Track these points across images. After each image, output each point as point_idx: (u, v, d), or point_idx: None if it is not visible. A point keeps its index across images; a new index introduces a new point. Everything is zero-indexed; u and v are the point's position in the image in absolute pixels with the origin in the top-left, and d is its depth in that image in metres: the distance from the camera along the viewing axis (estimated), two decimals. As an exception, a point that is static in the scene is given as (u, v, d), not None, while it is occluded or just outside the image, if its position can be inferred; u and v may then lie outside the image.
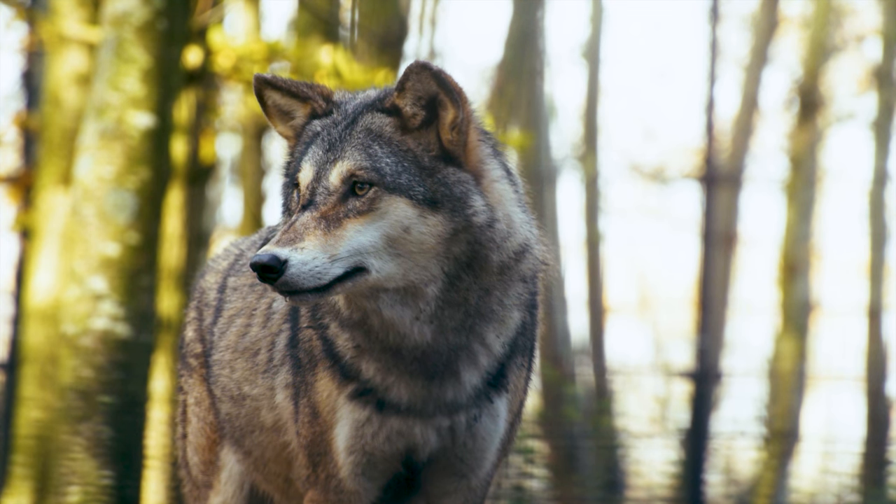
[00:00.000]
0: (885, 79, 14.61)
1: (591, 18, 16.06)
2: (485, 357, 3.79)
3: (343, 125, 3.70)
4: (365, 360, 3.76)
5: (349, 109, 3.75)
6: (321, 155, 3.65)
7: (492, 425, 3.86)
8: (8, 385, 11.06)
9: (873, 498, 10.48)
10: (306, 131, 3.75)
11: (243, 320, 4.20)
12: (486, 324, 3.76)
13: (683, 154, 21.06)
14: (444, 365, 3.73)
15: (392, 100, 3.70)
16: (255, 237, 4.45)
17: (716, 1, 12.24)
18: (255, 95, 3.77)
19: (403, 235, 3.58)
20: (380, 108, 3.71)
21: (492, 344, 3.80)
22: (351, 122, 3.70)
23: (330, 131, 3.69)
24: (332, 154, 3.64)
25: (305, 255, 3.49)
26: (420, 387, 3.74)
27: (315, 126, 3.74)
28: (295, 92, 3.74)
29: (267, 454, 4.12)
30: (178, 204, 10.36)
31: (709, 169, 11.80)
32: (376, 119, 3.70)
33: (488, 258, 3.67)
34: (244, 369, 4.14)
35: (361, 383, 3.77)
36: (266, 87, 3.75)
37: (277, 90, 3.74)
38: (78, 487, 7.18)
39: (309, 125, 3.76)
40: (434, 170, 3.66)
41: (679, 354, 23.01)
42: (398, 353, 3.72)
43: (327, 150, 3.65)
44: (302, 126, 3.76)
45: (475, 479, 3.92)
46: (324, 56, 9.75)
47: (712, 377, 12.46)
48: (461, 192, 3.65)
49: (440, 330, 3.69)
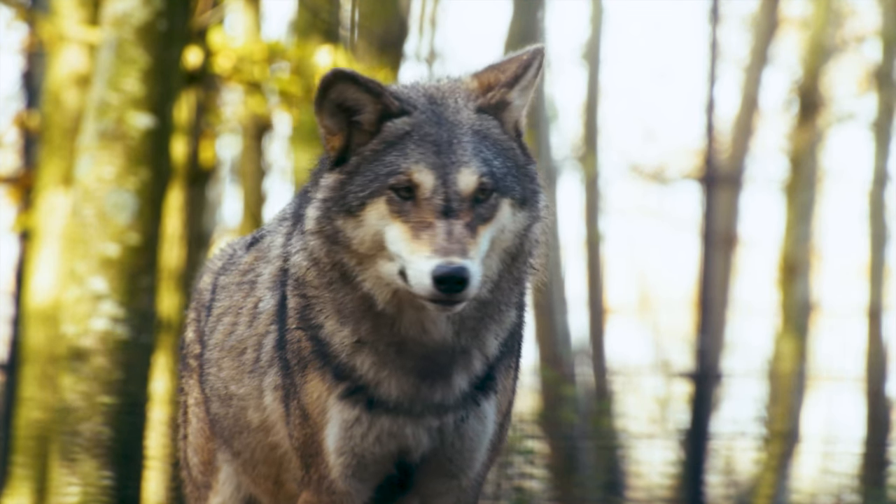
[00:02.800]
0: (885, 79, 14.62)
1: (591, 19, 16.08)
2: (479, 361, 3.79)
3: (447, 126, 3.65)
4: (363, 354, 3.74)
5: (441, 106, 3.70)
6: (436, 159, 3.59)
7: (479, 426, 3.84)
8: (8, 385, 11.06)
9: (873, 498, 10.48)
10: (388, 129, 3.64)
11: (230, 319, 4.18)
12: (491, 324, 3.76)
13: (683, 154, 21.07)
14: (442, 366, 3.73)
15: (500, 96, 3.70)
16: (249, 237, 4.43)
17: (716, 1, 12.24)
18: (322, 86, 3.65)
19: (499, 236, 3.62)
20: (483, 108, 3.70)
21: (489, 346, 3.79)
22: (454, 123, 3.66)
23: (428, 131, 3.63)
24: (449, 158, 3.59)
25: (476, 265, 3.50)
26: (410, 385, 3.73)
27: (400, 125, 3.65)
28: (372, 88, 3.65)
29: (256, 456, 4.11)
30: (178, 204, 10.37)
31: (709, 169, 11.80)
32: (483, 120, 3.69)
33: (530, 255, 3.72)
34: (231, 368, 4.12)
35: (353, 381, 3.75)
36: (341, 81, 3.64)
37: (354, 84, 3.64)
38: (78, 488, 7.18)
39: (390, 123, 3.64)
40: (525, 166, 3.69)
41: (679, 355, 23.02)
42: (402, 348, 3.70)
43: (438, 153, 3.60)
44: (372, 123, 3.66)
45: (466, 480, 3.91)
46: (324, 56, 9.76)
47: (712, 378, 12.46)
48: (538, 187, 3.69)
49: (460, 330, 3.71)
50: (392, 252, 3.56)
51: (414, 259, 3.51)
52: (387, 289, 3.63)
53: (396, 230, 3.56)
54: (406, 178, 3.58)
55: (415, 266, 3.50)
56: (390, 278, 3.59)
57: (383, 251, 3.58)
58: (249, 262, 4.21)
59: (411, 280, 3.51)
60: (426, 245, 3.50)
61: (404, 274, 3.54)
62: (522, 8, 13.34)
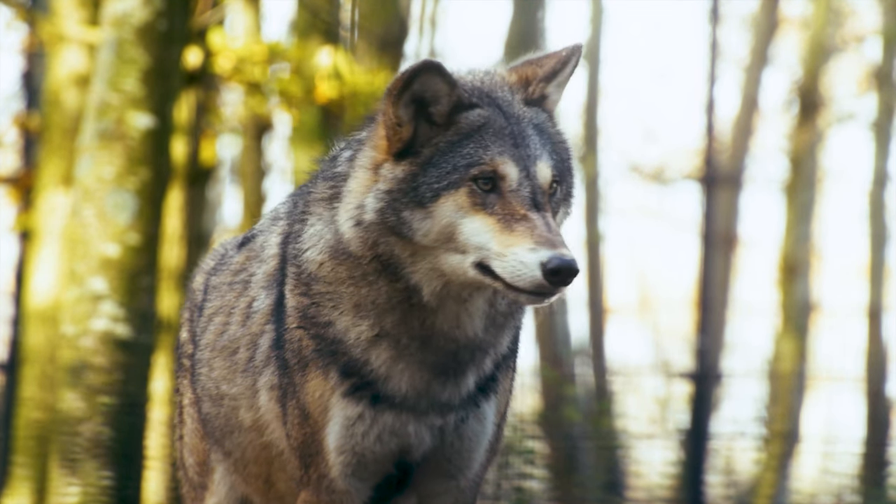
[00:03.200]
0: (885, 79, 14.62)
1: (591, 19, 16.07)
2: (490, 360, 3.81)
3: (513, 118, 3.68)
4: (379, 348, 3.73)
5: (499, 99, 3.72)
6: (516, 150, 3.61)
7: (478, 427, 3.85)
8: (8, 386, 11.07)
9: (873, 498, 10.48)
10: (465, 121, 3.64)
11: (222, 318, 4.17)
12: (511, 322, 3.80)
13: (683, 155, 21.06)
14: (460, 363, 3.74)
15: (541, 90, 3.76)
16: (240, 237, 4.42)
17: (716, 2, 12.24)
18: (407, 76, 3.62)
19: None
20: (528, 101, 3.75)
21: (502, 345, 3.82)
22: (518, 116, 3.69)
23: (502, 123, 3.65)
24: (525, 150, 3.62)
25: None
26: (422, 380, 3.73)
27: (475, 117, 3.65)
28: (452, 80, 3.64)
29: (247, 455, 4.11)
30: (178, 204, 10.37)
31: (709, 170, 11.80)
32: (536, 113, 3.74)
33: None
34: (222, 368, 4.11)
35: (361, 376, 3.75)
36: (428, 71, 3.61)
37: (440, 75, 3.61)
38: (78, 488, 7.18)
39: (465, 115, 3.65)
40: (568, 160, 3.75)
41: (679, 355, 23.01)
42: (428, 342, 3.70)
43: (516, 145, 3.62)
44: (443, 115, 3.64)
45: (464, 480, 3.91)
46: (324, 57, 9.76)
47: (712, 378, 12.46)
48: (574, 182, 3.75)
49: (488, 327, 3.73)
50: (471, 244, 3.56)
51: (513, 250, 3.51)
52: (438, 281, 3.63)
53: (479, 222, 3.56)
54: (490, 169, 3.58)
55: (515, 257, 3.50)
56: (456, 270, 3.58)
57: (449, 243, 3.58)
58: (241, 262, 4.20)
59: (507, 271, 3.51)
60: (525, 237, 3.51)
61: (483, 265, 3.54)
62: (522, 8, 13.34)
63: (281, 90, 10.03)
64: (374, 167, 3.68)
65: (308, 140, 10.68)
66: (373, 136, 3.74)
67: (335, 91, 9.68)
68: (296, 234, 3.87)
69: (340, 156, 3.85)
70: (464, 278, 3.59)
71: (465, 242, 3.56)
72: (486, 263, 3.54)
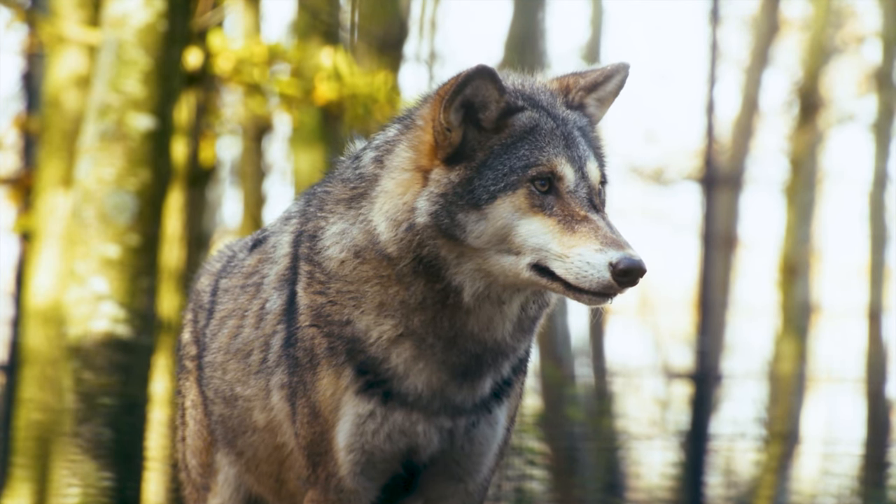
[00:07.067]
0: (885, 81, 14.61)
1: (591, 20, 16.08)
2: (508, 364, 3.82)
3: (560, 121, 3.72)
4: (400, 346, 3.72)
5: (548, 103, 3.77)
6: (569, 152, 3.65)
7: (489, 431, 3.85)
8: (8, 387, 11.06)
9: (873, 500, 10.49)
10: (517, 124, 3.67)
11: (235, 322, 4.17)
12: (534, 326, 3.83)
13: (684, 156, 21.07)
14: (482, 364, 3.74)
15: (580, 98, 3.83)
16: (248, 239, 4.42)
17: (716, 3, 12.24)
18: (461, 81, 3.62)
19: None
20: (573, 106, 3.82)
21: (521, 349, 3.84)
22: (564, 118, 3.74)
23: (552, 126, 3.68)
24: (576, 151, 3.66)
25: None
26: (439, 381, 3.73)
27: (527, 120, 3.68)
28: (504, 86, 3.68)
29: (259, 454, 4.11)
30: (178, 205, 10.36)
31: (709, 171, 11.80)
32: (578, 117, 3.80)
33: None
34: (236, 370, 4.11)
35: (377, 374, 3.74)
36: (481, 77, 3.63)
37: (493, 81, 3.64)
38: (78, 489, 7.18)
39: (515, 118, 3.67)
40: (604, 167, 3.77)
41: (679, 356, 23.01)
42: (454, 342, 3.71)
43: (568, 147, 3.65)
44: (493, 120, 3.66)
45: (472, 484, 3.92)
46: (324, 58, 9.75)
47: (712, 379, 12.46)
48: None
49: (515, 331, 3.76)
50: (528, 245, 3.57)
51: (577, 251, 3.52)
52: (482, 282, 3.63)
53: (538, 223, 3.58)
54: (548, 170, 3.61)
55: (581, 258, 3.51)
56: (508, 271, 3.59)
57: (502, 244, 3.59)
58: (253, 265, 4.19)
59: (572, 272, 3.52)
60: (590, 238, 3.53)
61: (540, 266, 3.55)
62: (523, 9, 13.34)
63: (281, 91, 10.02)
64: (418, 170, 3.68)
65: (308, 141, 10.68)
66: (410, 137, 3.74)
67: (335, 92, 9.68)
68: (309, 234, 3.86)
69: (363, 157, 3.83)
70: (515, 280, 3.60)
71: (521, 244, 3.57)
72: (545, 265, 3.55)
